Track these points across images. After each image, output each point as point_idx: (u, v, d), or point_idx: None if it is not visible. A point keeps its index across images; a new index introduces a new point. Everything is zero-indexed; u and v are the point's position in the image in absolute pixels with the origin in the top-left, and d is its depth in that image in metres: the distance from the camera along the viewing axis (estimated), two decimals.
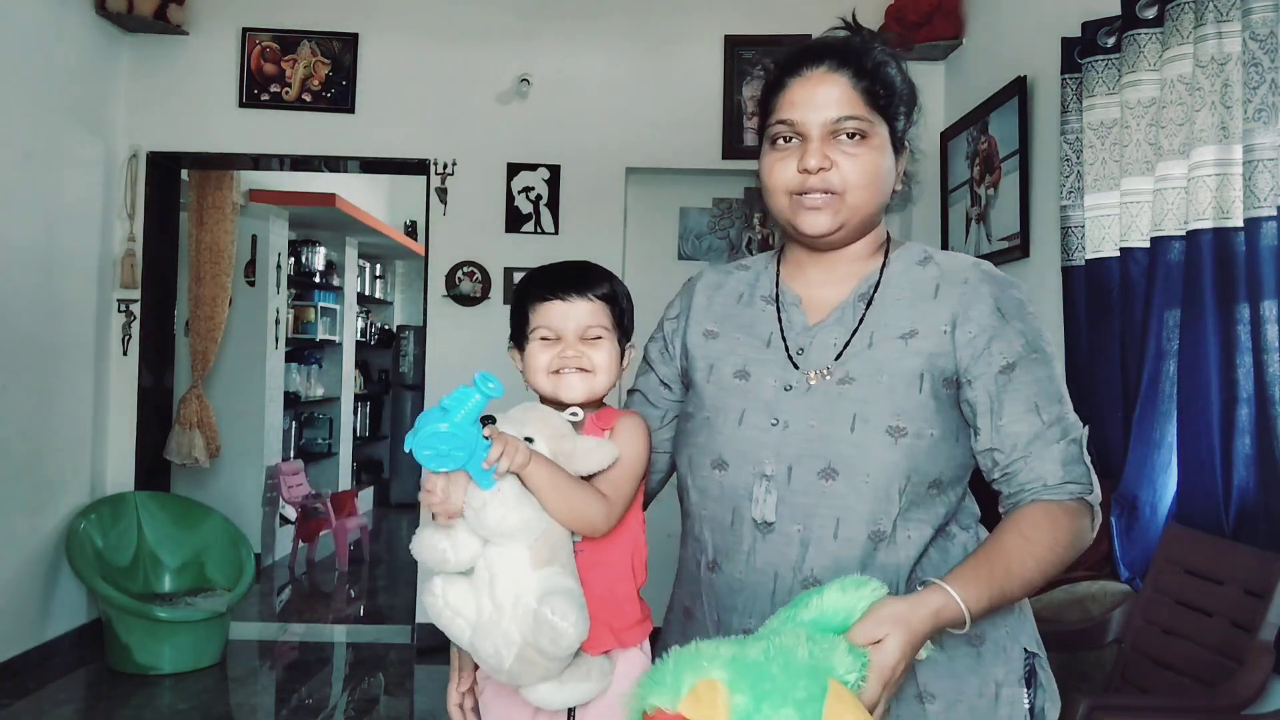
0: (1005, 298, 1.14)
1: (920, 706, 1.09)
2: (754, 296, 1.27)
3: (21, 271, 3.65)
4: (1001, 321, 1.13)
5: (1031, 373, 1.11)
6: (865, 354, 1.14)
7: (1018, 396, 1.11)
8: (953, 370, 1.13)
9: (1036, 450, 1.10)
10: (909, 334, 1.14)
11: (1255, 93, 2.06)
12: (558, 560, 1.14)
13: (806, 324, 1.20)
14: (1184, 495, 2.34)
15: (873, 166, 1.14)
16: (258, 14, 4.27)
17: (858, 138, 1.13)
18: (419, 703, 3.75)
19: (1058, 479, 1.09)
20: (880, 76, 1.15)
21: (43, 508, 3.83)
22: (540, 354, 1.25)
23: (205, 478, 5.19)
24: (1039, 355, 1.13)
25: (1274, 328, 2.04)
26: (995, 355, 1.11)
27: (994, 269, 1.19)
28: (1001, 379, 1.11)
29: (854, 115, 1.13)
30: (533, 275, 1.30)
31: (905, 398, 1.11)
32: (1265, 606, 1.96)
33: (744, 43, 4.28)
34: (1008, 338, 1.12)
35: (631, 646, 1.23)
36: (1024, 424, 1.10)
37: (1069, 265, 2.83)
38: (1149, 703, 2.11)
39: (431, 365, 4.31)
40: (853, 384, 1.13)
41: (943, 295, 1.15)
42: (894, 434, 1.10)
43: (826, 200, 1.14)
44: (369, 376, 8.44)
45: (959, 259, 1.20)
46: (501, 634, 1.12)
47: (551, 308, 1.24)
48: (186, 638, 3.86)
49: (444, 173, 4.28)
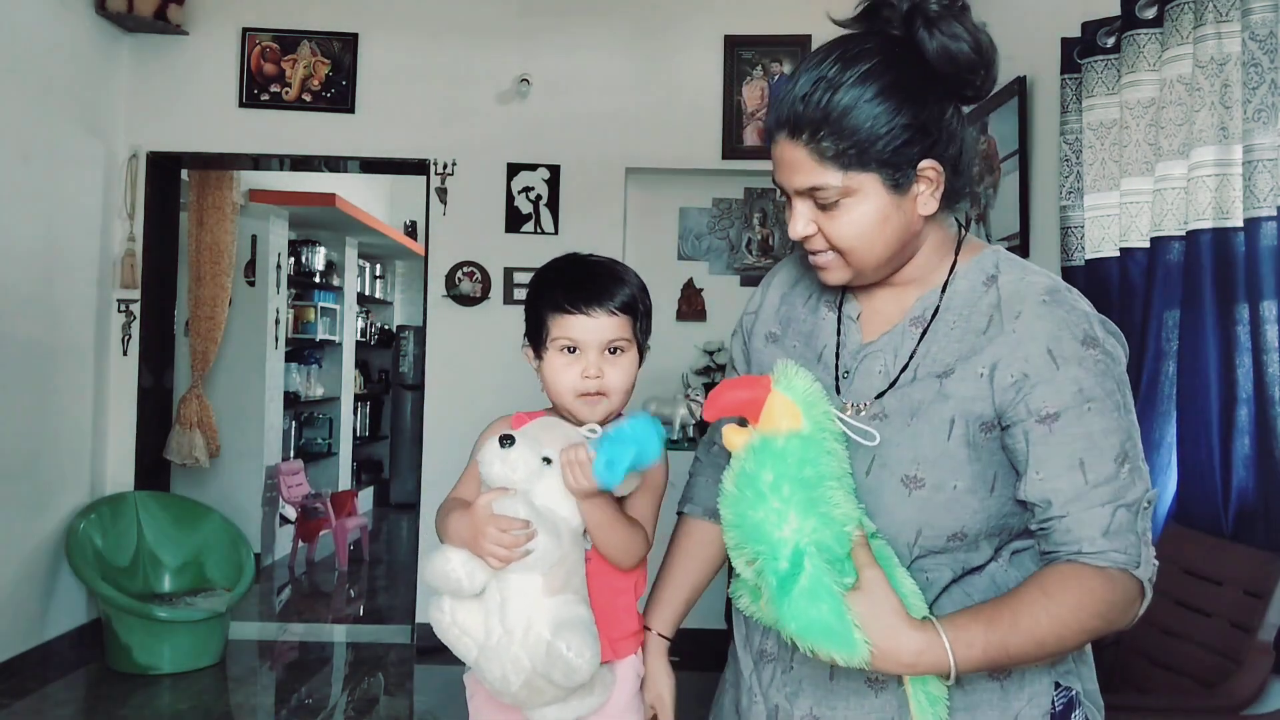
0: (1065, 337, 0.99)
1: None
2: (820, 300, 1.17)
3: (21, 271, 3.65)
4: (1051, 366, 0.98)
5: (1082, 425, 0.97)
6: (906, 388, 1.04)
7: (1060, 450, 0.97)
8: (992, 415, 1.00)
9: (1075, 511, 0.96)
10: (945, 373, 1.02)
11: (1255, 93, 2.06)
12: (571, 586, 1.14)
13: (861, 342, 1.11)
14: (1183, 495, 2.34)
15: (861, 222, 1.02)
16: (258, 14, 4.27)
17: (832, 204, 1.02)
18: (419, 703, 3.75)
19: (1096, 547, 0.96)
20: (841, 130, 0.99)
21: (43, 508, 3.83)
22: (562, 371, 1.23)
23: (205, 478, 5.19)
24: (1094, 404, 0.97)
25: (1274, 328, 2.04)
26: (1036, 401, 0.98)
27: (1065, 298, 1.02)
28: (1041, 429, 0.98)
29: (816, 186, 1.01)
30: (550, 279, 1.26)
31: (929, 446, 1.00)
32: (1264, 607, 1.96)
33: (744, 43, 4.28)
34: (1056, 384, 0.97)
35: (627, 656, 1.24)
36: (1064, 481, 0.97)
37: (1069, 265, 2.83)
38: (1148, 703, 2.10)
39: (431, 365, 4.31)
40: (884, 421, 1.03)
41: (992, 331, 1.02)
42: (909, 484, 1.00)
43: (830, 259, 1.06)
44: (369, 376, 8.44)
45: (1026, 283, 1.04)
46: (511, 659, 1.12)
47: (573, 321, 1.22)
48: (186, 638, 3.86)
49: (444, 173, 4.28)
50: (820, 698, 1.06)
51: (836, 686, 1.05)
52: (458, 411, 4.20)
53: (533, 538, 1.11)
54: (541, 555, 1.11)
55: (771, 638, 1.10)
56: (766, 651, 1.11)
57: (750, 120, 4.29)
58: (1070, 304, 1.02)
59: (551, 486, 1.15)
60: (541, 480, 1.15)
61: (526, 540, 1.11)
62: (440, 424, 4.24)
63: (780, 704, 1.08)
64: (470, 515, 1.14)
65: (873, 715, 1.04)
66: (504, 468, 1.14)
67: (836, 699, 1.05)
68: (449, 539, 1.17)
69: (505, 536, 1.10)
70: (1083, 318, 1.01)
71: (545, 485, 1.15)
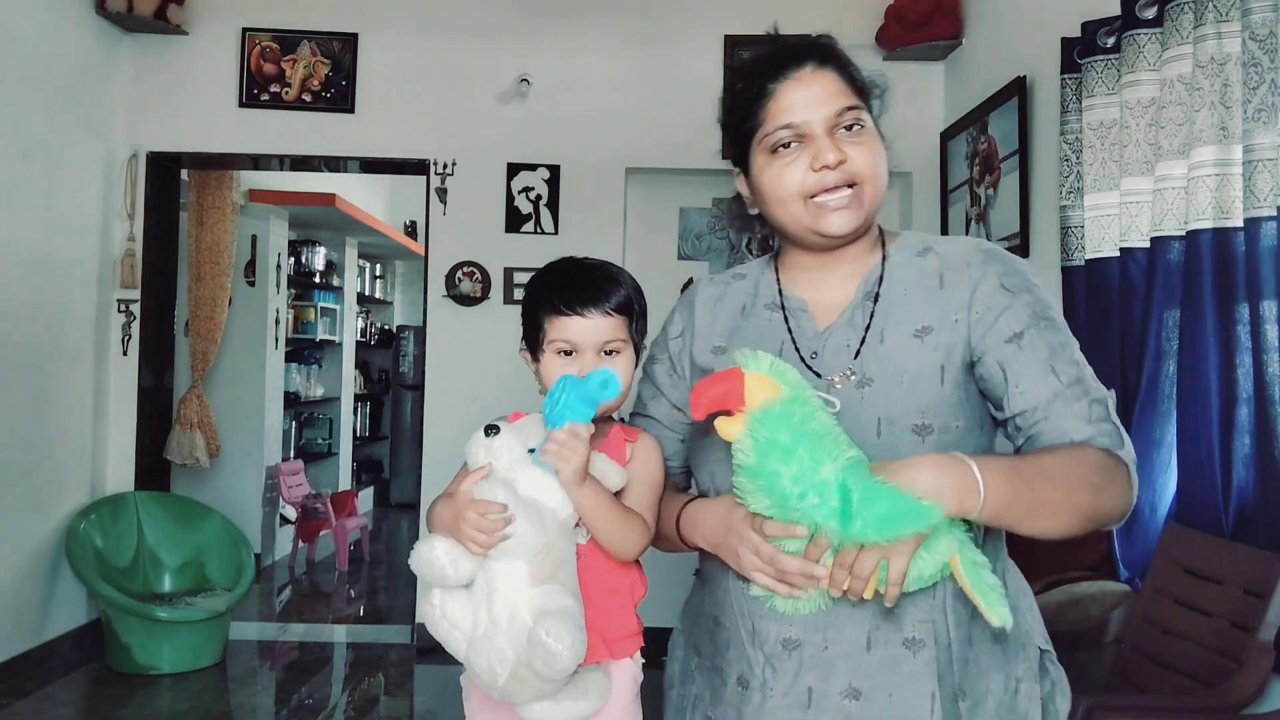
0: (1010, 273, 1.13)
1: (955, 706, 1.08)
2: (756, 305, 1.23)
3: (21, 272, 3.65)
4: (1008, 296, 1.11)
5: (1043, 337, 1.09)
6: (880, 352, 1.12)
7: (1031, 360, 1.08)
8: (969, 356, 1.11)
9: (1057, 409, 1.07)
10: (923, 330, 1.12)
11: (1255, 93, 2.06)
12: (558, 578, 1.13)
13: (816, 329, 1.17)
14: (1183, 495, 2.35)
15: (878, 153, 1.13)
16: (258, 14, 4.27)
17: (857, 128, 1.12)
18: (419, 703, 3.75)
19: (1084, 435, 1.06)
20: (855, 67, 1.17)
21: (43, 508, 3.83)
22: (559, 372, 1.23)
23: (205, 478, 5.19)
24: (1048, 322, 1.10)
25: (1274, 328, 2.04)
26: (1002, 327, 1.09)
27: (996, 247, 1.17)
28: (1010, 347, 1.08)
29: (852, 105, 1.12)
30: (547, 280, 1.27)
31: (927, 394, 1.09)
32: (1264, 606, 1.96)
33: (744, 43, 4.28)
34: (1015, 310, 1.10)
35: (624, 658, 1.23)
36: (1042, 386, 1.07)
37: (1069, 265, 2.83)
38: (1149, 703, 2.11)
39: (431, 365, 4.31)
40: (872, 386, 1.10)
41: (949, 285, 1.13)
42: (920, 433, 1.08)
43: (849, 197, 1.11)
44: (369, 376, 8.44)
45: (959, 243, 1.18)
46: (496, 650, 1.11)
47: (569, 323, 1.23)
48: (186, 638, 3.86)
49: (444, 173, 4.28)
50: (857, 670, 1.08)
51: (873, 656, 1.07)
52: (458, 411, 4.20)
53: (511, 521, 1.09)
54: (522, 541, 1.10)
55: (797, 626, 1.09)
56: (791, 639, 1.09)
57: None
58: (1001, 254, 1.16)
59: (536, 475, 1.14)
60: (526, 469, 1.14)
61: (505, 524, 1.09)
62: (440, 424, 4.24)
63: (813, 685, 1.08)
64: (452, 501, 1.14)
65: (912, 681, 1.07)
66: (488, 456, 1.15)
67: (875, 668, 1.07)
68: (435, 528, 1.17)
69: (483, 520, 1.09)
70: (1015, 261, 1.16)
71: (530, 474, 1.14)
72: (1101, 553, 2.53)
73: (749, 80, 1.16)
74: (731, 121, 1.18)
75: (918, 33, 4.00)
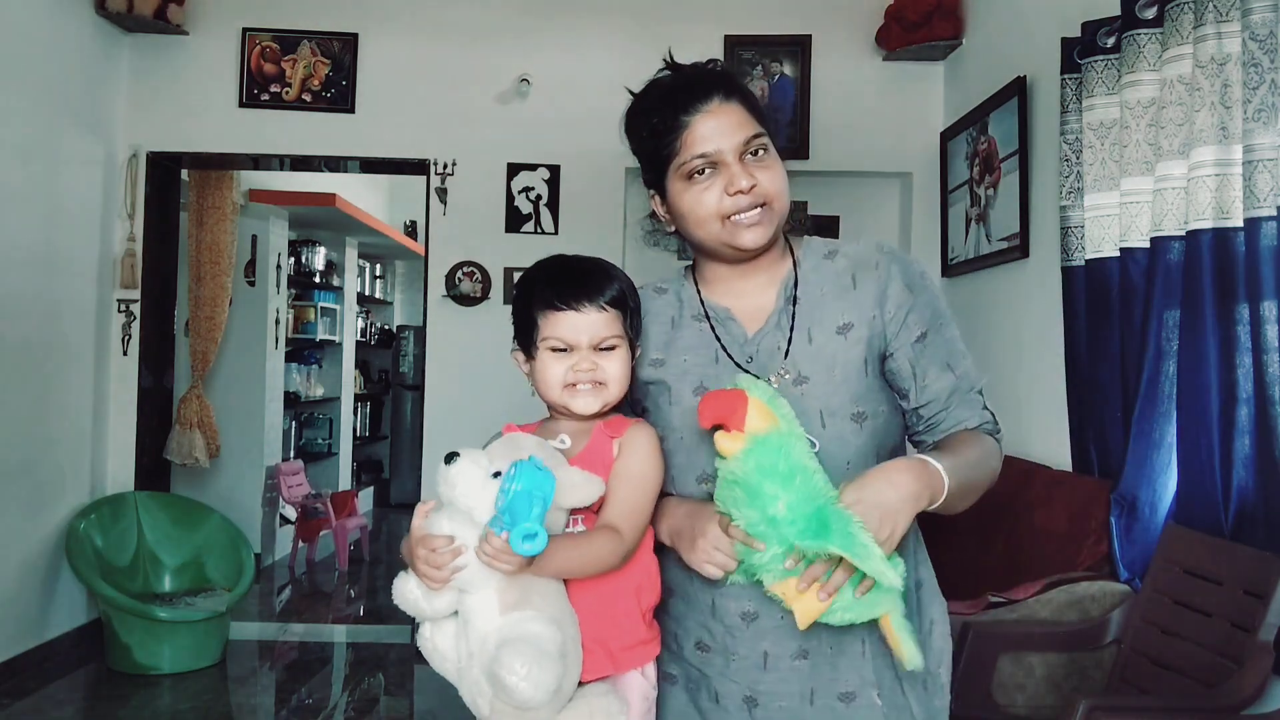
0: (910, 273, 1.27)
1: (884, 646, 1.19)
2: (684, 317, 1.32)
3: (21, 271, 3.65)
4: (912, 295, 1.25)
5: (941, 335, 1.26)
6: (809, 350, 1.24)
7: (934, 359, 1.25)
8: (883, 348, 1.25)
9: (955, 401, 1.26)
10: (845, 327, 1.25)
11: (1255, 93, 2.06)
12: (530, 603, 1.08)
13: (747, 335, 1.28)
14: (1183, 495, 2.35)
15: (781, 174, 1.25)
16: (258, 14, 4.27)
17: (762, 153, 1.23)
18: (419, 703, 3.75)
19: (975, 424, 1.27)
20: (754, 97, 1.27)
21: (43, 508, 3.83)
22: (553, 367, 1.20)
23: (205, 478, 5.19)
24: (943, 320, 1.27)
25: (1274, 328, 2.04)
26: (912, 326, 1.25)
27: (892, 246, 1.31)
28: (918, 346, 1.25)
29: (758, 133, 1.23)
30: (537, 277, 1.25)
31: (858, 385, 1.23)
32: (1264, 607, 1.96)
33: (744, 43, 4.28)
34: (919, 309, 1.25)
35: (631, 669, 1.18)
36: (942, 381, 1.25)
37: (1069, 265, 2.83)
38: (1149, 703, 2.11)
39: (431, 365, 4.31)
40: (809, 382, 1.23)
41: (861, 284, 1.26)
42: (858, 419, 1.23)
43: (760, 214, 1.22)
44: (369, 376, 8.44)
45: (861, 246, 1.31)
46: (473, 682, 1.09)
47: (563, 319, 1.20)
48: (186, 638, 3.86)
49: (444, 173, 4.28)
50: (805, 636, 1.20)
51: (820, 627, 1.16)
52: (458, 411, 4.20)
53: (459, 554, 1.06)
54: (477, 571, 1.06)
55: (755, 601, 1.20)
56: (749, 612, 1.21)
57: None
58: (899, 253, 1.30)
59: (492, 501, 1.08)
60: (488, 493, 1.09)
61: (453, 557, 1.06)
62: (440, 424, 4.24)
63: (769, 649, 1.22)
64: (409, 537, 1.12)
65: (848, 633, 1.19)
66: (445, 486, 1.11)
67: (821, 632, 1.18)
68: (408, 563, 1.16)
69: (433, 556, 1.07)
70: (911, 260, 1.30)
71: (486, 499, 1.09)
72: (1101, 553, 2.52)
73: (662, 113, 1.24)
74: (646, 151, 1.27)
75: (918, 33, 4.00)
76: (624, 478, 1.18)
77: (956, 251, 3.93)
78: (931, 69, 4.21)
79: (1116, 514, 2.49)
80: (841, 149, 4.25)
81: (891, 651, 1.14)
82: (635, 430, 1.21)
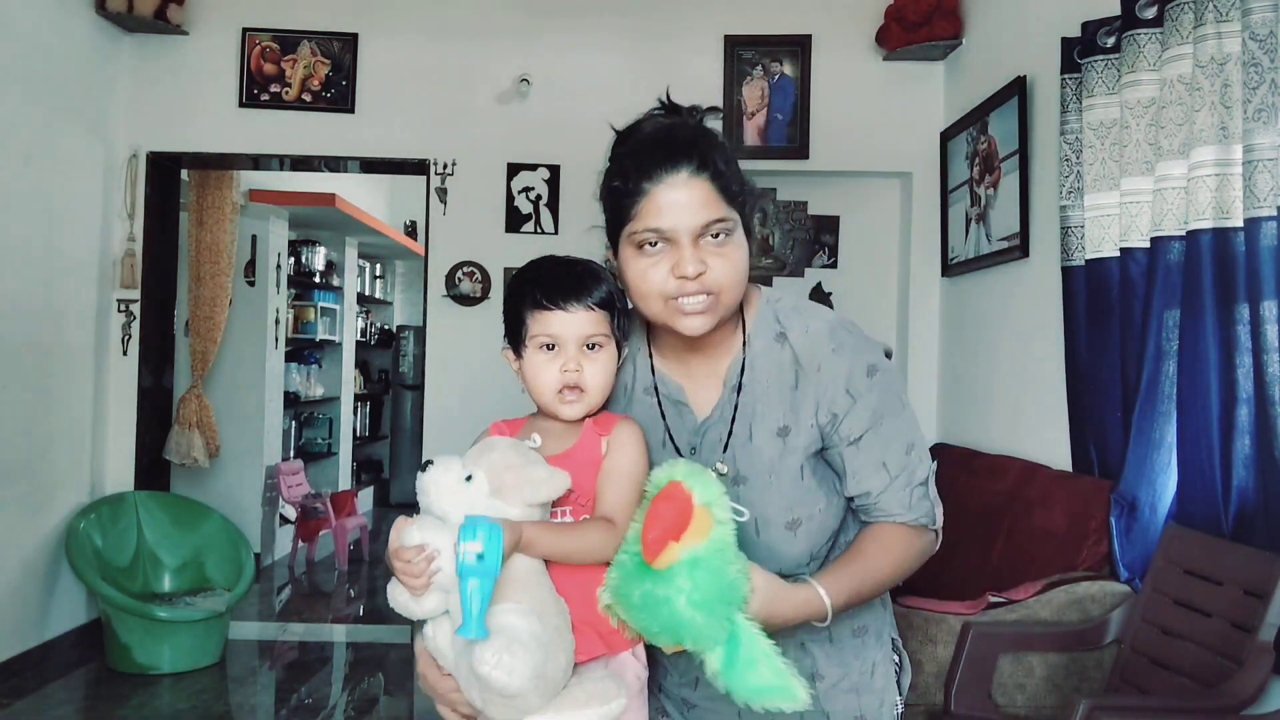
0: (854, 373, 1.22)
1: (813, 685, 1.24)
2: (635, 389, 1.31)
3: (21, 271, 3.65)
4: (851, 401, 1.22)
5: (879, 437, 1.23)
6: (750, 450, 1.24)
7: (867, 460, 1.23)
8: (819, 446, 1.25)
9: (886, 498, 1.24)
10: (783, 430, 1.24)
11: (1255, 93, 2.06)
12: (508, 596, 1.10)
13: (696, 422, 1.27)
14: (1183, 495, 2.35)
15: (740, 263, 1.18)
16: (258, 14, 4.27)
17: (723, 236, 1.16)
18: (419, 703, 3.74)
19: (905, 518, 1.24)
20: (731, 173, 1.18)
21: (43, 508, 3.83)
22: (543, 369, 1.23)
23: (205, 478, 5.19)
24: (884, 417, 1.23)
25: (1274, 328, 2.04)
26: (845, 431, 1.22)
27: (845, 336, 1.25)
28: (851, 449, 1.23)
29: (720, 217, 1.15)
30: (527, 276, 1.27)
31: (794, 492, 1.23)
32: (1265, 607, 1.96)
33: (744, 43, 4.28)
34: (856, 414, 1.22)
35: (622, 651, 1.20)
36: (874, 480, 1.23)
37: (1069, 265, 2.83)
38: (1149, 703, 2.10)
39: (431, 365, 4.31)
40: (746, 484, 1.23)
41: (803, 387, 1.23)
42: (792, 527, 1.24)
43: (705, 303, 1.16)
44: (369, 376, 8.44)
45: (810, 335, 1.25)
46: (464, 678, 1.11)
47: (552, 317, 1.23)
48: (186, 637, 3.86)
49: (444, 173, 4.28)
50: None
51: None
52: (458, 411, 4.20)
53: (432, 560, 1.09)
54: (451, 574, 1.08)
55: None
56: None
57: (750, 119, 4.29)
58: (849, 344, 1.24)
59: (474, 502, 1.12)
60: (464, 496, 1.13)
61: (427, 564, 1.09)
62: (440, 424, 4.24)
63: None
64: None
65: None
66: (420, 493, 1.15)
67: None
68: None
69: (409, 566, 1.10)
70: (861, 351, 1.24)
71: (466, 502, 1.12)
72: (1102, 553, 2.52)
73: (625, 173, 1.18)
74: (606, 205, 1.23)
75: (918, 33, 4.00)
76: (614, 475, 1.21)
77: (956, 251, 3.93)
78: (931, 69, 4.21)
79: (1116, 514, 2.49)
80: (841, 149, 4.25)
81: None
82: (622, 427, 1.24)
